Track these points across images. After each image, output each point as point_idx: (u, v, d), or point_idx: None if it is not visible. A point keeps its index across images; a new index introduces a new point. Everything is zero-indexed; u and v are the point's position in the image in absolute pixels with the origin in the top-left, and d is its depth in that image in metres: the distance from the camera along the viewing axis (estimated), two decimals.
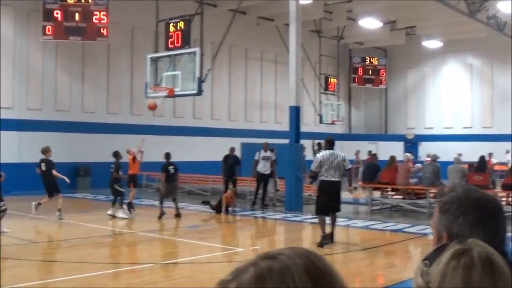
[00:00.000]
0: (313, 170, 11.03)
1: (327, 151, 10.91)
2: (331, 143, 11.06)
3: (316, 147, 20.21)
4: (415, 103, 35.36)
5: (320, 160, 10.76)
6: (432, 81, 34.72)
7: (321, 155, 10.96)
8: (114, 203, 14.56)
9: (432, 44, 31.79)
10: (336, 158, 10.73)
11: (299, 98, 16.88)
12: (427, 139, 33.40)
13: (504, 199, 15.02)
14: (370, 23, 27.91)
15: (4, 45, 20.25)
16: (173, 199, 14.60)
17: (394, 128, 36.13)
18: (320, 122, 28.81)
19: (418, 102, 35.22)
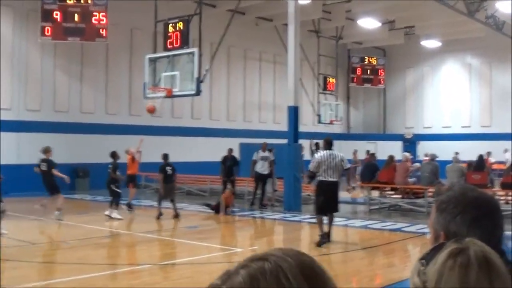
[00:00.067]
0: (311, 170, 11.05)
1: (326, 151, 10.92)
2: (330, 144, 11.07)
3: (313, 147, 20.20)
4: (413, 103, 35.36)
5: (318, 161, 10.78)
6: (430, 80, 34.74)
7: (319, 155, 10.98)
8: (111, 204, 14.58)
9: (430, 43, 31.81)
10: (335, 158, 10.75)
11: (297, 98, 16.89)
12: (426, 138, 33.41)
13: (503, 198, 15.04)
14: (368, 23, 27.92)
15: (3, 45, 20.23)
16: (170, 199, 14.60)
17: (393, 127, 36.14)
18: (319, 122, 28.81)
19: (416, 101, 35.22)
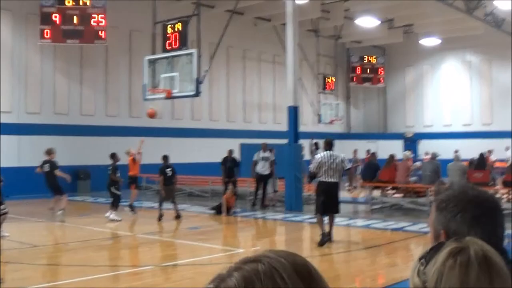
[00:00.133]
0: (311, 171, 11.07)
1: (326, 152, 10.93)
2: (330, 145, 11.08)
3: (313, 147, 20.19)
4: (414, 101, 35.32)
5: (319, 161, 10.80)
6: (430, 79, 34.70)
7: (320, 156, 11.00)
8: (112, 206, 14.57)
9: (430, 42, 31.77)
10: (335, 159, 10.76)
11: (297, 98, 16.87)
12: (427, 137, 33.37)
13: (505, 196, 15.02)
14: (367, 22, 27.91)
15: (2, 49, 20.24)
16: (172, 201, 14.59)
17: (393, 126, 36.11)
18: (319, 121, 28.82)
19: (417, 100, 35.18)
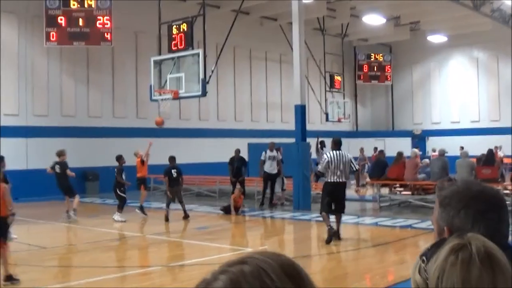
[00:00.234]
0: (320, 171, 11.04)
1: (334, 151, 10.88)
2: (338, 144, 11.02)
3: (319, 145, 20.16)
4: (421, 99, 35.21)
5: (328, 161, 10.76)
6: (438, 76, 34.56)
7: (328, 155, 10.94)
8: (118, 207, 14.59)
9: (437, 38, 31.66)
10: (343, 158, 10.72)
11: (304, 96, 16.84)
12: (435, 134, 33.24)
13: None
14: (374, 20, 27.82)
15: (9, 51, 20.33)
16: (179, 201, 14.59)
17: (401, 124, 36.00)
18: (327, 120, 28.76)
19: (424, 97, 35.06)
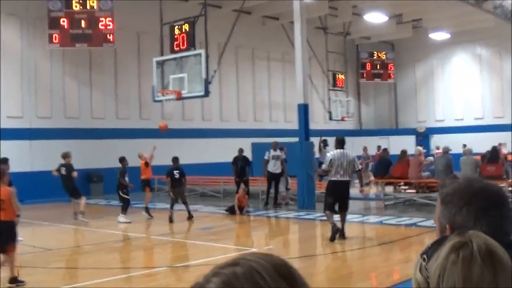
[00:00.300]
0: (324, 170, 11.03)
1: (338, 150, 10.89)
2: (342, 143, 11.02)
3: (321, 144, 20.15)
4: (424, 96, 35.12)
5: (331, 159, 10.76)
6: (441, 73, 34.48)
7: (331, 154, 10.95)
8: (122, 209, 14.59)
9: (439, 36, 31.57)
10: (346, 157, 10.72)
11: (307, 95, 16.81)
12: (439, 131, 33.15)
13: None
14: (376, 18, 27.77)
15: (11, 54, 20.37)
16: (183, 202, 14.58)
17: (405, 122, 35.93)
18: (330, 119, 28.71)
19: (427, 95, 34.98)
